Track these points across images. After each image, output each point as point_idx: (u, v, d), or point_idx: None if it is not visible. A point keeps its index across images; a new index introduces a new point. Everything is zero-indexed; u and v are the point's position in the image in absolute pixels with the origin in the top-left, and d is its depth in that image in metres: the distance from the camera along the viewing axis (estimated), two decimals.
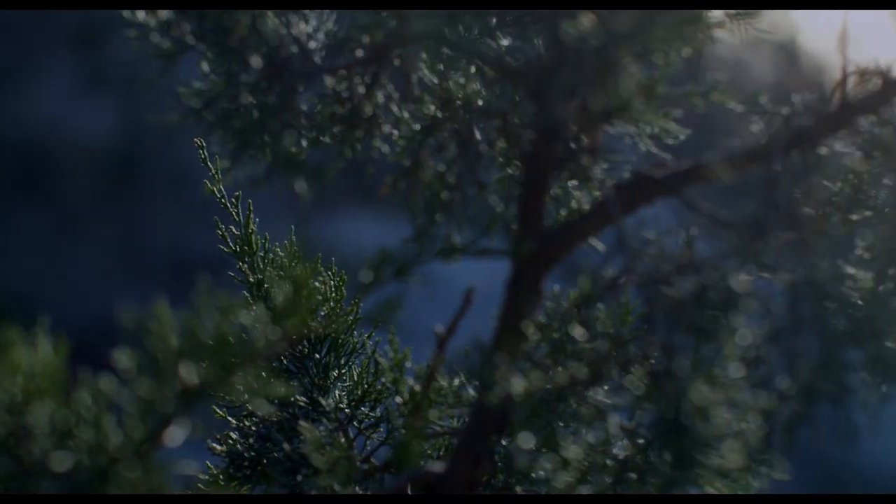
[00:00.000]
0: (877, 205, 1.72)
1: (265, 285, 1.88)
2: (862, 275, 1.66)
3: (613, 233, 1.64)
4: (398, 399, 1.86)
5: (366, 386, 1.95)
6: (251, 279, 1.96)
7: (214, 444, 1.93)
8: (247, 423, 1.93)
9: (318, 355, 1.97)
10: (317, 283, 1.95)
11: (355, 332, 1.99)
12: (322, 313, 1.95)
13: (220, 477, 1.93)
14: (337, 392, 1.97)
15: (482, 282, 1.85)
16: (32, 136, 9.90)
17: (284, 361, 1.98)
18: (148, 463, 1.39)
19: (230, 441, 1.94)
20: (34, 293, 9.14)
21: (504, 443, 1.70)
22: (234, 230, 2.01)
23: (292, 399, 1.93)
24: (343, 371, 1.97)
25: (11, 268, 9.39)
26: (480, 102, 1.72)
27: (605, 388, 1.60)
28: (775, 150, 1.61)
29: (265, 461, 1.90)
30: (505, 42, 1.63)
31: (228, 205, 2.01)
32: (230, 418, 1.94)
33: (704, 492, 1.64)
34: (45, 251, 9.64)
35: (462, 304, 1.71)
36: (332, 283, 1.97)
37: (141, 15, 1.69)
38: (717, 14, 1.64)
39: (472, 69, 1.71)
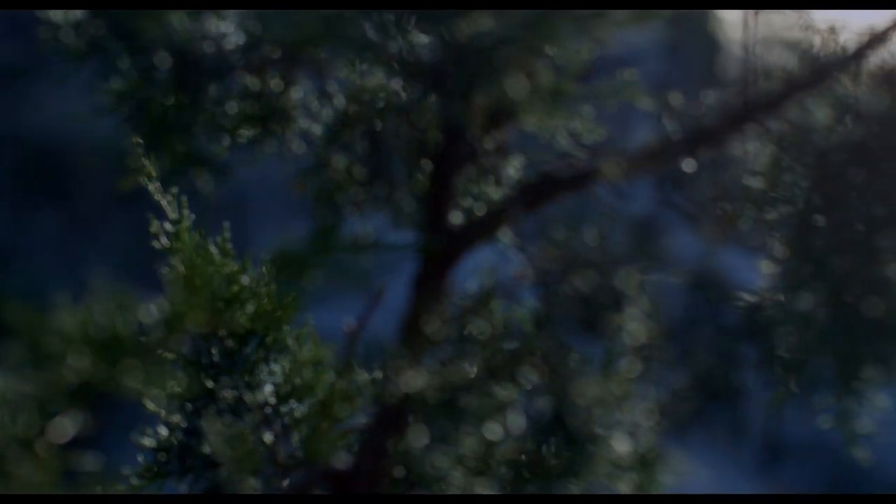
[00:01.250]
0: (789, 203, 1.72)
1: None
2: (772, 271, 1.66)
3: (517, 230, 1.65)
4: (316, 395, 1.87)
5: (295, 382, 1.96)
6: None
7: (143, 439, 1.95)
8: (174, 419, 1.95)
9: (247, 351, 1.98)
10: (246, 280, 1.96)
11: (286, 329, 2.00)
12: (251, 310, 1.96)
13: (150, 471, 1.95)
14: (266, 388, 1.97)
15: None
16: (47, 136, 9.96)
17: (215, 357, 1.99)
18: (36, 459, 1.40)
19: (160, 435, 1.95)
20: (48, 294, 9.18)
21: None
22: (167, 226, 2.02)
23: (222, 394, 1.94)
24: (272, 367, 1.98)
25: (25, 268, 9.45)
26: (394, 100, 1.73)
27: (507, 384, 1.60)
28: (679, 149, 1.62)
29: (192, 455, 1.91)
30: (415, 40, 1.64)
31: (164, 201, 2.02)
32: (161, 412, 1.96)
33: (617, 491, 1.65)
34: (61, 251, 9.70)
35: (371, 301, 1.72)
36: (264, 280, 1.98)
37: (56, 14, 1.70)
38: (620, 14, 1.63)
39: (383, 67, 1.71)
